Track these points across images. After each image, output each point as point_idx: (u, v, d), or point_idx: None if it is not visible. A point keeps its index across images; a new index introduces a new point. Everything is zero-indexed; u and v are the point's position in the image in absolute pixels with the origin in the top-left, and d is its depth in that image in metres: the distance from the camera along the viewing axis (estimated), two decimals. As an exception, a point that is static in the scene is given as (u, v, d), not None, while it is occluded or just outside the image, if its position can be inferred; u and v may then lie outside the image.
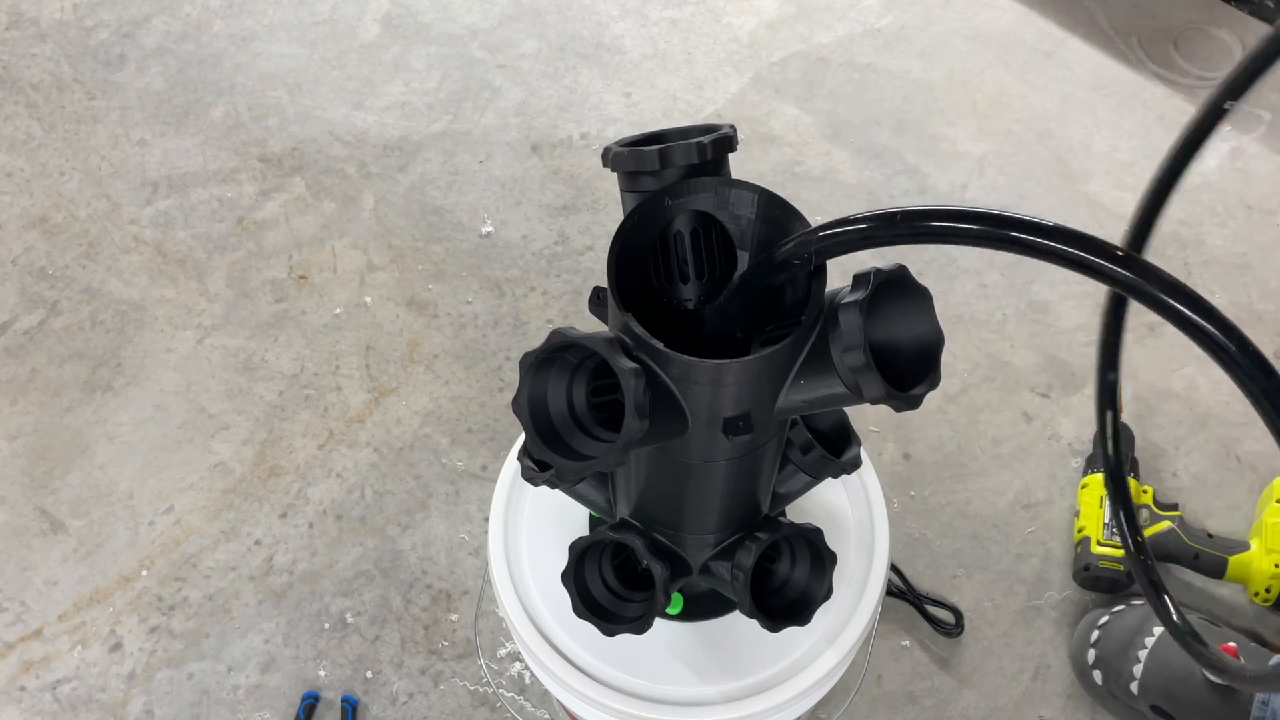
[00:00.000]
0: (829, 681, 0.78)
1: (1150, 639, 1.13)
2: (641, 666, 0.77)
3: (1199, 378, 1.39)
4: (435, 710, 1.19)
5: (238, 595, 1.26)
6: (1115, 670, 1.13)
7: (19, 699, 1.20)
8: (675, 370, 0.56)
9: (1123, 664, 1.13)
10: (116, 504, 1.32)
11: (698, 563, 0.73)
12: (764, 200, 0.58)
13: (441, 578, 1.26)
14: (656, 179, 0.60)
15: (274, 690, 1.20)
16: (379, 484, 1.33)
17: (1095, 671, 1.15)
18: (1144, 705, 1.12)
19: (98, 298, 1.49)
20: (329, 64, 1.73)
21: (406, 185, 1.59)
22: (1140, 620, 1.15)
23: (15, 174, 1.62)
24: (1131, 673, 1.12)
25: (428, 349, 1.44)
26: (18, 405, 1.40)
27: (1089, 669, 1.16)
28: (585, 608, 0.70)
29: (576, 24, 1.77)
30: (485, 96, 1.69)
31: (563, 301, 1.47)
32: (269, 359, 1.43)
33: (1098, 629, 1.17)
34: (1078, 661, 1.18)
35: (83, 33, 1.78)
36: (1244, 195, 1.55)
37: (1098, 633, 1.17)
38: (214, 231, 1.55)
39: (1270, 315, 1.44)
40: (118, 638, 1.24)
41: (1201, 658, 0.73)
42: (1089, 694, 1.18)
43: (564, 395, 0.57)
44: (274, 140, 1.64)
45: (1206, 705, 1.08)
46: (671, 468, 0.64)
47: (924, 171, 1.59)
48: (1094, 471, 1.27)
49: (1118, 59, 1.70)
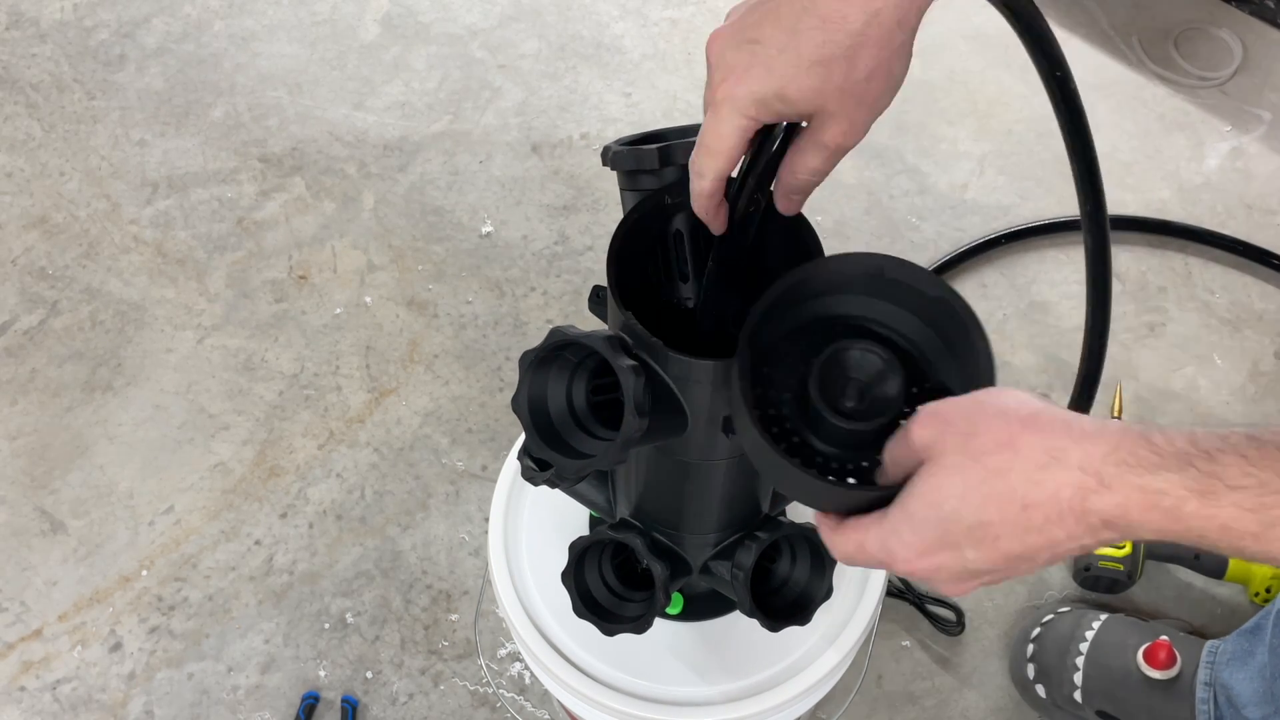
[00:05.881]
0: (829, 681, 0.78)
1: (1084, 644, 1.11)
2: (641, 666, 0.77)
3: (1199, 378, 1.39)
4: (435, 710, 1.19)
5: (238, 595, 1.26)
6: (1056, 680, 1.12)
7: (19, 699, 1.20)
8: (675, 369, 0.56)
9: (1062, 672, 1.11)
10: (116, 504, 1.32)
11: (698, 562, 0.73)
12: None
13: (441, 578, 1.26)
14: (656, 178, 0.60)
15: (274, 690, 1.20)
16: (379, 484, 1.33)
17: (1037, 685, 1.13)
18: (1089, 712, 1.10)
19: (98, 298, 1.49)
20: (329, 64, 1.73)
21: (406, 185, 1.59)
22: (1073, 626, 1.14)
23: (15, 174, 1.62)
24: (1073, 680, 1.10)
25: (428, 349, 1.44)
26: (18, 405, 1.40)
27: (1030, 684, 1.14)
28: (585, 607, 0.70)
29: (576, 24, 1.77)
30: (485, 96, 1.69)
31: (563, 301, 1.47)
32: (269, 359, 1.43)
33: (1032, 642, 1.15)
34: (1018, 678, 1.16)
35: (83, 33, 1.78)
36: (1244, 195, 1.55)
37: (1033, 646, 1.15)
38: (214, 231, 1.55)
39: (1270, 315, 1.44)
40: (118, 638, 1.24)
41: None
42: (1035, 709, 1.16)
43: (564, 394, 0.57)
44: (274, 140, 1.64)
45: (1149, 702, 1.07)
46: (671, 467, 0.64)
47: (924, 171, 1.59)
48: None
49: (1118, 59, 1.70)
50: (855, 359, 0.53)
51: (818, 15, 0.49)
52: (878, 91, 0.51)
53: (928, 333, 0.54)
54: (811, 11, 0.49)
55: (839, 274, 0.54)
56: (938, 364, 0.54)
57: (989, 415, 0.47)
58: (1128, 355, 1.41)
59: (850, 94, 0.50)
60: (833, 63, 0.49)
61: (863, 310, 0.55)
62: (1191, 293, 1.46)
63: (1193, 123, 1.63)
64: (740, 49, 0.51)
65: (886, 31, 0.49)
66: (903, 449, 0.50)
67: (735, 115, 0.51)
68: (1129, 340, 1.42)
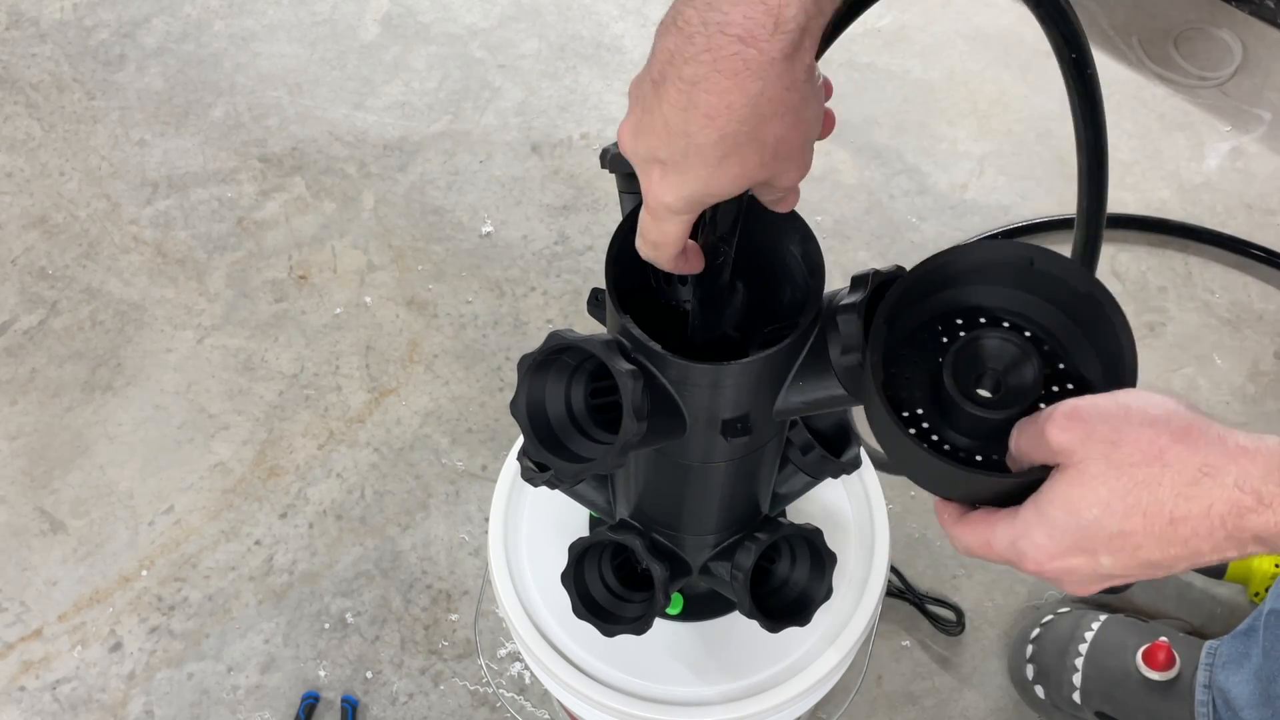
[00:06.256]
0: (829, 681, 0.78)
1: (1084, 644, 1.11)
2: (641, 666, 0.77)
3: (1199, 378, 1.39)
4: (435, 710, 1.19)
5: (238, 595, 1.26)
6: (1056, 681, 1.12)
7: (19, 699, 1.20)
8: (673, 372, 0.56)
9: (1062, 673, 1.11)
10: (116, 504, 1.32)
11: (697, 563, 0.73)
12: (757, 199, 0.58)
13: (441, 578, 1.27)
14: (655, 180, 0.60)
15: (274, 690, 1.20)
16: (379, 484, 1.33)
17: (1036, 686, 1.13)
18: (1088, 713, 1.10)
19: (98, 298, 1.49)
20: (329, 64, 1.73)
21: (406, 185, 1.59)
22: (1072, 626, 1.14)
23: (15, 174, 1.62)
24: (1072, 681, 1.10)
25: (428, 349, 1.44)
26: (18, 405, 1.40)
27: (1030, 685, 1.14)
28: (585, 608, 0.70)
29: (576, 24, 1.77)
30: (485, 96, 1.69)
31: (563, 301, 1.47)
32: (269, 359, 1.43)
33: (1031, 642, 1.15)
34: (1017, 678, 1.16)
35: (83, 33, 1.78)
36: (1244, 195, 1.55)
37: (1032, 646, 1.15)
38: (214, 231, 1.55)
39: (1270, 315, 1.44)
40: (118, 638, 1.24)
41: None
42: (1034, 710, 1.16)
43: (562, 397, 0.56)
44: (274, 140, 1.65)
45: (1148, 704, 1.07)
46: (670, 469, 0.64)
47: (924, 171, 1.59)
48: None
49: (1118, 59, 1.70)
50: (992, 347, 0.52)
51: (702, 115, 0.46)
52: (799, 140, 0.49)
53: (1068, 325, 0.53)
54: (694, 112, 0.46)
55: (979, 261, 0.53)
56: (1076, 355, 0.53)
57: (1136, 424, 0.46)
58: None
59: (774, 159, 0.49)
60: (741, 149, 0.47)
61: (999, 300, 0.54)
62: (1191, 292, 1.46)
63: (1193, 123, 1.63)
64: (650, 164, 0.50)
65: (777, 102, 0.47)
66: (1038, 447, 0.49)
67: (672, 217, 0.51)
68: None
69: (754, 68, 0.45)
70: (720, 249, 0.55)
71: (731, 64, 0.45)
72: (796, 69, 0.46)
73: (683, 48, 0.46)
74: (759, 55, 0.45)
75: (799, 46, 0.46)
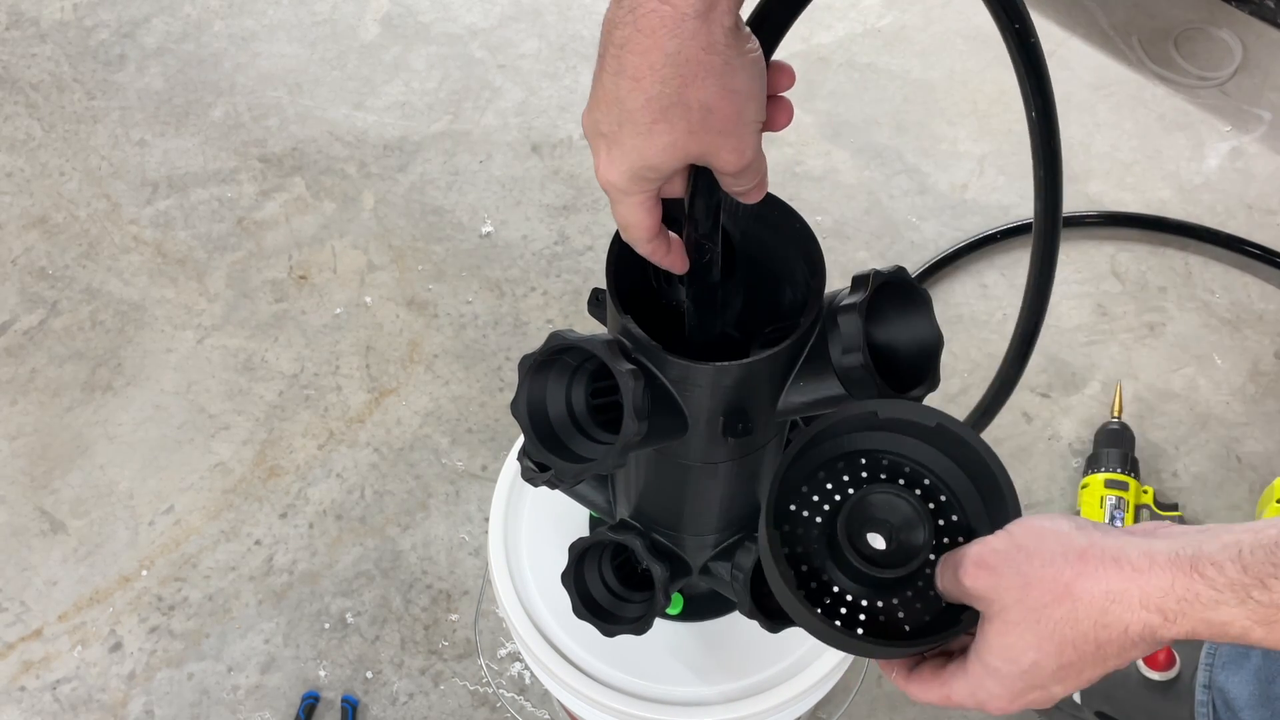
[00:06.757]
0: (829, 681, 0.78)
1: None
2: (641, 666, 0.77)
3: (1199, 378, 1.39)
4: (435, 710, 1.19)
5: (238, 595, 1.26)
6: None
7: (19, 699, 1.20)
8: (674, 372, 0.56)
9: None
10: (116, 504, 1.32)
11: (697, 563, 0.73)
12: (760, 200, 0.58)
13: (441, 578, 1.27)
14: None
15: (274, 690, 1.20)
16: (379, 484, 1.33)
17: None
18: (1088, 713, 1.10)
19: (98, 298, 1.49)
20: (329, 64, 1.73)
21: (406, 185, 1.59)
22: None
23: (15, 174, 1.62)
24: None
25: (428, 349, 1.44)
26: (18, 405, 1.40)
27: None
28: (585, 608, 0.70)
29: (576, 24, 1.77)
30: (485, 96, 1.69)
31: (563, 301, 1.47)
32: (269, 359, 1.43)
33: None
34: None
35: (83, 33, 1.78)
36: (1244, 195, 1.55)
37: None
38: (214, 231, 1.55)
39: (1270, 315, 1.44)
40: (118, 638, 1.24)
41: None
42: (1034, 710, 1.16)
43: (563, 397, 0.56)
44: (274, 140, 1.65)
45: (1148, 703, 1.07)
46: (671, 469, 0.64)
47: (924, 171, 1.59)
48: (1094, 472, 1.27)
49: (1118, 59, 1.70)
50: (881, 503, 0.56)
51: (629, 78, 0.48)
52: (729, 111, 0.49)
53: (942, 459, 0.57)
54: (623, 77, 0.48)
55: (847, 417, 0.56)
56: (954, 488, 0.57)
57: (1037, 564, 0.50)
58: (1128, 355, 1.41)
59: (704, 129, 0.49)
60: (669, 114, 0.48)
61: (886, 445, 0.58)
62: (1191, 292, 1.46)
63: (1193, 123, 1.63)
64: (596, 138, 0.51)
65: (696, 64, 0.47)
66: (957, 591, 0.53)
67: (623, 196, 0.52)
68: (1129, 340, 1.42)
69: (669, 24, 0.47)
70: (705, 246, 0.55)
71: (649, 21, 0.47)
72: (714, 29, 0.47)
73: (615, 14, 0.48)
74: (673, 11, 0.47)
75: (713, 6, 0.47)
